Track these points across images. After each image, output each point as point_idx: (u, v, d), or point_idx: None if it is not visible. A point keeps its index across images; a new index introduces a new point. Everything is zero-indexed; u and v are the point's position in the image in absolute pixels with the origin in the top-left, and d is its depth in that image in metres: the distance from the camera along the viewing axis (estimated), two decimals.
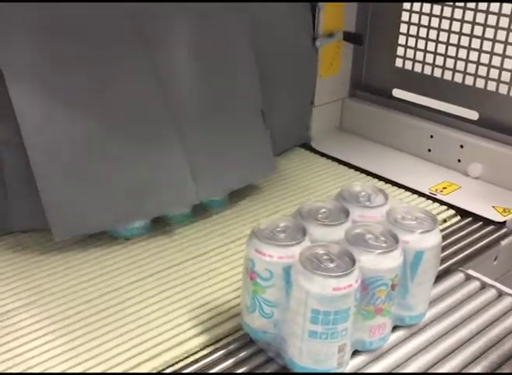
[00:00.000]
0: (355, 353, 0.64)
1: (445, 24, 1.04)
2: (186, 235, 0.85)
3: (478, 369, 0.64)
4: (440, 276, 0.78)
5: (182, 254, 0.81)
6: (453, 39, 1.03)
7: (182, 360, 0.64)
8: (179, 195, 0.83)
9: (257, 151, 0.94)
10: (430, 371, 0.64)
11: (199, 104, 0.87)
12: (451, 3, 1.01)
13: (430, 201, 0.96)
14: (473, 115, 1.05)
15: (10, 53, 0.73)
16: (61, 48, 0.76)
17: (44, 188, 0.74)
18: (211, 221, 0.89)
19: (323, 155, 1.11)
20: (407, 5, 1.08)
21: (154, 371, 0.63)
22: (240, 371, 0.63)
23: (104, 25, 0.79)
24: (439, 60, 1.06)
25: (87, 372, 0.62)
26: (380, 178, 1.03)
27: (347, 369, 0.62)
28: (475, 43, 1.01)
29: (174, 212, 0.86)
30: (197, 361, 0.64)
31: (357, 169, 1.06)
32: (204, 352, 0.65)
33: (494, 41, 0.98)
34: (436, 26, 1.05)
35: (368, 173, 1.04)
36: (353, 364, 0.64)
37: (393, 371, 0.63)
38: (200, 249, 0.82)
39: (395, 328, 0.68)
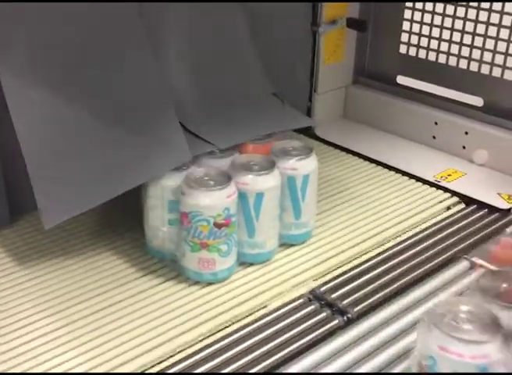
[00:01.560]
0: None
1: (449, 10, 1.03)
2: None
3: None
4: (445, 264, 0.77)
5: None
6: (458, 25, 1.02)
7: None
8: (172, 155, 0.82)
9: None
10: None
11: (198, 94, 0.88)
12: None
13: (434, 189, 0.96)
14: (478, 101, 1.04)
15: (3, 49, 0.73)
16: (55, 42, 0.76)
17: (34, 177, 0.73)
18: None
19: (327, 142, 1.10)
20: None
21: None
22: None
23: (101, 18, 0.79)
24: (444, 46, 1.05)
25: (89, 372, 0.62)
26: (384, 165, 1.02)
27: None
28: (480, 28, 1.00)
29: None
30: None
31: (360, 156, 1.05)
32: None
33: (499, 26, 0.97)
34: (441, 11, 1.04)
35: (372, 161, 1.04)
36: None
37: (393, 362, 0.63)
38: None
39: (400, 316, 0.68)
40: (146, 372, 0.62)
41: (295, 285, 0.74)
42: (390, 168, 1.01)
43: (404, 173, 1.00)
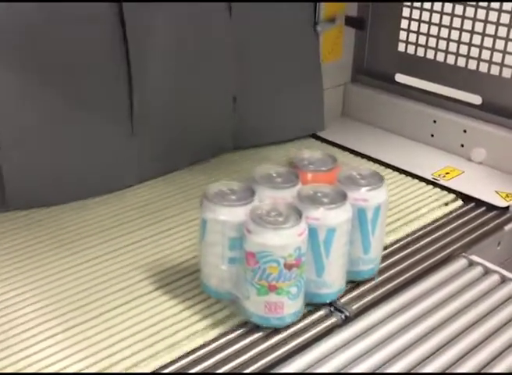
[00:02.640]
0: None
1: (448, 8, 1.03)
2: None
3: (481, 355, 0.64)
4: (443, 262, 0.78)
5: None
6: (456, 23, 1.02)
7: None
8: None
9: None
10: (432, 357, 0.63)
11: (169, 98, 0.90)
12: None
13: (433, 187, 0.96)
14: (476, 99, 1.04)
15: None
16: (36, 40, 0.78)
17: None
18: None
19: (325, 140, 1.10)
20: None
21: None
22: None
23: (83, 16, 0.80)
24: (442, 44, 1.05)
25: (82, 372, 0.61)
26: (382, 163, 1.02)
27: None
28: (478, 26, 1.00)
29: None
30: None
31: (358, 154, 1.05)
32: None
33: (497, 24, 0.97)
34: (439, 9, 1.04)
35: (370, 159, 1.04)
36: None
37: (393, 359, 0.63)
38: None
39: (397, 314, 0.68)
40: (142, 371, 0.62)
41: None
42: (388, 166, 1.01)
43: (402, 171, 1.00)
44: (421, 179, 0.98)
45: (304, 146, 1.07)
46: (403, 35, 1.11)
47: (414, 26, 1.08)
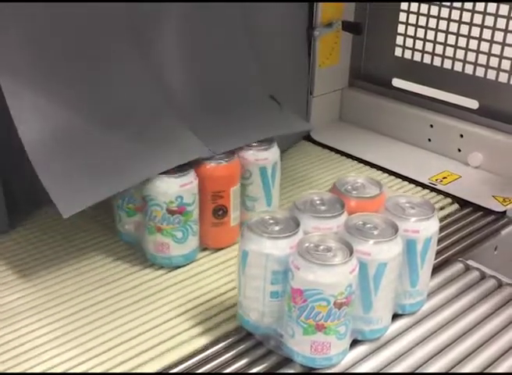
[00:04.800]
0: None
1: (444, 12, 1.03)
2: None
3: (478, 359, 0.64)
4: (440, 267, 0.77)
5: None
6: (453, 27, 1.02)
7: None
8: (180, 150, 0.81)
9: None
10: (430, 362, 0.63)
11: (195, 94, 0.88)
12: None
13: (430, 191, 0.96)
14: (473, 104, 1.04)
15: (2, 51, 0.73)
16: (51, 42, 0.76)
17: (41, 171, 0.74)
18: None
19: (322, 145, 1.10)
20: None
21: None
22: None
23: (96, 18, 0.79)
24: (439, 49, 1.05)
25: (88, 372, 0.62)
26: (379, 168, 1.02)
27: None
28: (475, 31, 1.00)
29: None
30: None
31: (356, 159, 1.05)
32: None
33: (494, 29, 0.97)
34: (436, 14, 1.04)
35: (367, 164, 1.04)
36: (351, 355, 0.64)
37: (394, 362, 0.63)
38: None
39: (395, 317, 0.68)
40: (146, 372, 0.62)
41: None
42: (385, 171, 1.01)
43: (399, 176, 1.00)
44: (418, 183, 0.98)
45: (301, 150, 1.08)
46: (399, 40, 1.11)
47: (410, 31, 1.08)
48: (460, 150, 1.05)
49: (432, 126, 1.08)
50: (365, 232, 0.62)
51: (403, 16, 1.09)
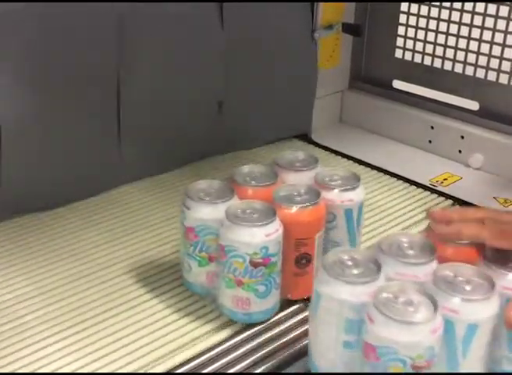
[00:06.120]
0: None
1: (444, 14, 1.03)
2: None
3: None
4: None
5: None
6: (453, 29, 1.03)
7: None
8: None
9: None
10: None
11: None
12: None
13: (430, 193, 0.96)
14: (473, 105, 1.04)
15: None
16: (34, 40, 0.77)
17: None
18: None
19: (323, 147, 1.10)
20: None
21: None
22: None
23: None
24: (439, 50, 1.06)
25: (95, 372, 0.62)
26: (380, 170, 1.02)
27: None
28: (475, 33, 1.00)
29: None
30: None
31: (356, 160, 1.05)
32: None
33: (494, 30, 0.97)
34: (436, 16, 1.04)
35: (368, 165, 1.04)
36: None
37: None
38: None
39: None
40: (149, 371, 0.62)
41: None
42: (386, 172, 1.01)
43: (400, 178, 1.00)
44: (419, 185, 0.98)
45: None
46: (400, 42, 1.11)
47: (411, 32, 1.09)
48: (460, 151, 1.04)
49: (432, 127, 1.08)
50: (455, 286, 0.54)
51: (403, 18, 1.09)
